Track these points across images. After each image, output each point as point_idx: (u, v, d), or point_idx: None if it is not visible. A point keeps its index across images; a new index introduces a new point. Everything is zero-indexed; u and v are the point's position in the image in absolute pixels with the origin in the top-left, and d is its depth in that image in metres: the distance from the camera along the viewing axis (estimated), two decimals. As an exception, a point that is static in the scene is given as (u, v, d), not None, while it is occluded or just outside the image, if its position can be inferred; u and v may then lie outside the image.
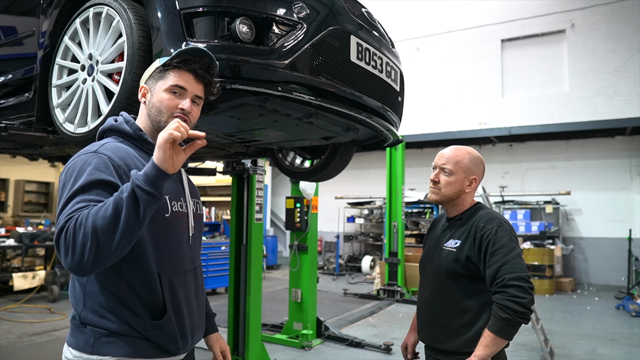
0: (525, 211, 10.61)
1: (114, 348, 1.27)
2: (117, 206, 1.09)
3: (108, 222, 1.09)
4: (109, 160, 1.26)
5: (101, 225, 1.09)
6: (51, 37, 2.21)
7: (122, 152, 1.33)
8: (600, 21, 9.99)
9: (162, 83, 1.38)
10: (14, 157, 4.13)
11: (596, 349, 5.26)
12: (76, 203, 1.16)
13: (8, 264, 8.06)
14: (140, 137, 1.40)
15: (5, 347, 4.92)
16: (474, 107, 11.03)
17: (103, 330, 1.27)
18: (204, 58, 1.39)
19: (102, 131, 1.45)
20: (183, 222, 1.42)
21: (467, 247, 1.75)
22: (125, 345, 1.28)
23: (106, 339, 1.27)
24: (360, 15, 2.12)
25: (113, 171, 1.24)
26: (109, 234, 1.09)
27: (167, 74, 1.38)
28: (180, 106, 1.37)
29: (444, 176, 1.85)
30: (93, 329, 1.28)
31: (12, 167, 11.57)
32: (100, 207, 1.12)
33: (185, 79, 1.38)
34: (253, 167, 4.08)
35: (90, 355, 1.27)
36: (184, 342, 1.39)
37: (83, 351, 1.28)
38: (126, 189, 1.11)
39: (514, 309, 1.57)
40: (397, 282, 8.16)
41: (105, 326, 1.27)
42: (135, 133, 1.40)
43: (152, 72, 1.40)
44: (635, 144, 10.14)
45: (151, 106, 1.39)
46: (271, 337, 5.40)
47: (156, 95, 1.38)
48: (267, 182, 13.53)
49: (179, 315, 1.37)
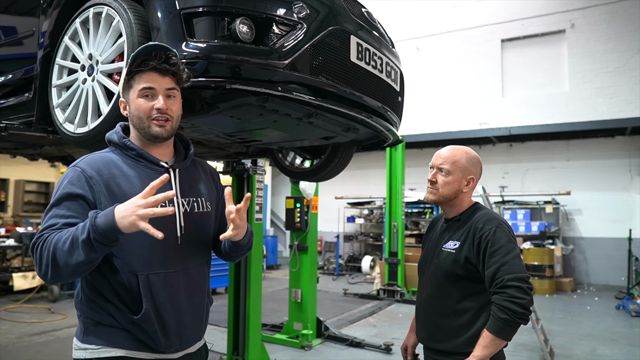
0: (525, 211, 10.61)
1: (96, 338, 1.36)
2: (72, 244, 1.20)
3: (65, 255, 1.20)
4: (82, 173, 1.35)
5: (59, 257, 1.21)
6: (51, 37, 2.21)
7: (99, 163, 1.38)
8: (600, 21, 9.99)
9: (132, 91, 1.41)
10: (14, 157, 4.13)
11: (596, 349, 5.26)
12: (50, 218, 1.30)
13: (8, 264, 8.06)
14: (123, 145, 1.43)
15: (5, 347, 4.92)
16: (474, 107, 11.03)
17: (91, 320, 1.38)
18: (159, 52, 1.39)
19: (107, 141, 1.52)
20: (167, 223, 1.39)
21: (466, 248, 1.75)
22: (107, 335, 1.36)
23: (93, 328, 1.38)
24: (360, 15, 2.12)
25: (84, 184, 1.33)
26: (64, 263, 1.21)
27: (132, 81, 1.41)
28: (156, 107, 1.40)
29: (441, 176, 1.84)
30: (84, 319, 1.40)
31: (12, 167, 11.57)
32: (63, 237, 1.22)
33: (150, 79, 1.40)
34: (253, 167, 4.08)
35: (81, 343, 1.39)
36: (166, 341, 1.39)
37: (79, 339, 1.40)
38: (82, 230, 1.20)
39: (513, 309, 1.57)
40: (397, 282, 8.16)
41: (93, 317, 1.38)
42: (120, 141, 1.44)
43: (122, 84, 1.44)
44: (635, 144, 10.14)
45: (132, 116, 1.43)
46: (271, 337, 5.40)
47: (132, 104, 1.42)
48: (267, 182, 13.53)
49: (161, 314, 1.37)
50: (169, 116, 1.41)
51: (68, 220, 1.29)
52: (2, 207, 12.04)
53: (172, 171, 1.46)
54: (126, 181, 1.37)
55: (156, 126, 1.41)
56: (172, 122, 1.43)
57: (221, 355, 4.63)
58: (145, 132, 1.41)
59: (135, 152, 1.42)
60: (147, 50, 1.38)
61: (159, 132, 1.41)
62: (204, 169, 1.64)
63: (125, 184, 1.36)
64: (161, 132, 1.42)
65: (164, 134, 1.42)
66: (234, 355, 4.21)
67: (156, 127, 1.41)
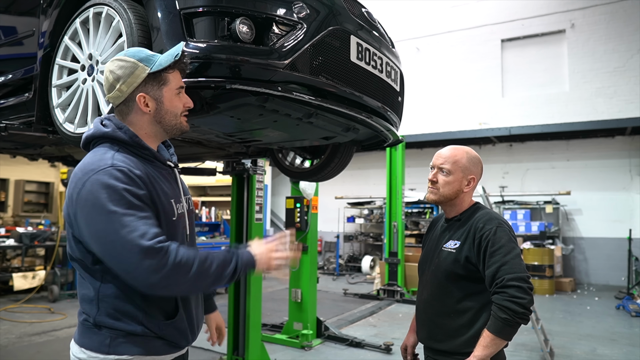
0: (525, 211, 10.61)
1: (130, 347, 1.32)
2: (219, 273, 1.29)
3: (209, 278, 1.28)
4: (131, 172, 1.30)
5: (197, 277, 1.25)
6: (51, 37, 2.20)
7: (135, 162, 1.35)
8: (600, 21, 9.99)
9: (167, 89, 1.40)
10: (14, 157, 4.13)
11: (596, 349, 5.26)
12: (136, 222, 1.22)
13: (8, 264, 8.06)
14: (137, 144, 1.38)
15: (5, 347, 4.92)
16: (474, 107, 11.03)
17: (119, 331, 1.31)
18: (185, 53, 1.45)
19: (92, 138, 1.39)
20: (184, 223, 1.47)
21: (466, 247, 1.75)
22: (140, 344, 1.33)
23: (122, 339, 1.31)
24: (360, 15, 2.12)
25: (140, 183, 1.30)
26: (202, 285, 1.30)
27: (166, 77, 1.40)
28: (188, 105, 1.46)
29: (442, 176, 1.84)
30: (110, 331, 1.32)
31: (12, 167, 11.57)
32: (207, 263, 1.27)
33: (180, 77, 1.45)
34: (253, 167, 4.08)
35: (107, 355, 1.31)
36: (192, 335, 1.46)
37: (98, 351, 1.31)
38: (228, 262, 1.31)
39: (514, 309, 1.57)
40: (397, 282, 8.16)
41: (122, 328, 1.31)
42: (133, 140, 1.38)
43: (143, 78, 1.36)
44: (635, 144, 10.13)
45: (164, 113, 1.41)
46: (271, 337, 5.40)
47: (168, 101, 1.41)
48: (267, 182, 13.52)
49: (188, 311, 1.44)
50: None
51: (155, 221, 1.28)
52: (2, 207, 12.03)
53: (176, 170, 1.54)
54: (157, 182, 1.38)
55: (185, 121, 1.47)
56: None
57: (221, 355, 4.63)
58: (174, 128, 1.45)
59: (149, 153, 1.41)
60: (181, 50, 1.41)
61: (187, 127, 1.48)
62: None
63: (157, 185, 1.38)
64: (187, 127, 1.49)
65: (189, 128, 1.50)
66: (234, 355, 4.21)
67: (185, 122, 1.47)
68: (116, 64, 1.38)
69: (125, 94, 1.37)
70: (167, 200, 1.38)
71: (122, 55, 1.40)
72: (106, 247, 1.22)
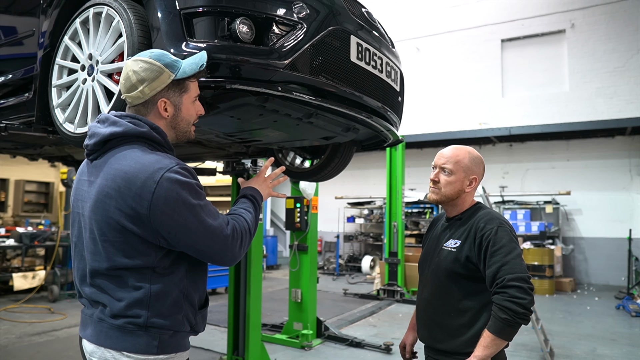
0: (525, 211, 10.61)
1: (175, 345, 1.37)
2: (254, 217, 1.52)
3: (255, 227, 1.50)
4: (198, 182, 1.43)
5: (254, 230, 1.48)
6: (51, 37, 2.20)
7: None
8: (600, 21, 9.99)
9: (187, 96, 1.45)
10: (14, 157, 4.12)
11: (596, 349, 5.26)
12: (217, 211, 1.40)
13: (8, 264, 8.06)
14: (168, 145, 1.45)
15: (5, 347, 4.92)
16: (474, 107, 11.03)
17: (168, 330, 1.34)
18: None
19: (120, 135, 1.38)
20: None
21: (467, 247, 1.75)
22: (181, 341, 1.40)
23: (169, 338, 1.35)
24: (360, 15, 2.12)
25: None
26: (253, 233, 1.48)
27: (188, 85, 1.45)
28: (201, 112, 1.51)
29: (444, 176, 1.84)
30: (159, 331, 1.33)
31: (12, 167, 11.58)
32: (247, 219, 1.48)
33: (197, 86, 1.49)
34: (253, 167, 4.08)
35: (157, 356, 1.33)
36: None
37: (147, 353, 1.32)
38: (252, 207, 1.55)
39: (514, 309, 1.57)
40: (397, 282, 8.16)
41: (170, 327, 1.35)
42: (165, 141, 1.44)
43: (167, 84, 1.40)
44: (635, 144, 10.14)
45: (180, 119, 1.46)
46: (271, 337, 5.40)
47: (186, 109, 1.47)
48: (267, 182, 13.49)
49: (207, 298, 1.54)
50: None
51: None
52: (2, 207, 12.04)
53: None
54: None
55: (193, 131, 1.53)
56: None
57: (221, 355, 4.63)
58: (184, 135, 1.50)
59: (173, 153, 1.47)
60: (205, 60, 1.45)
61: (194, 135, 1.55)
62: None
63: None
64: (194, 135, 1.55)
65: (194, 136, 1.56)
66: (234, 355, 4.21)
67: (193, 131, 1.53)
68: (140, 66, 1.38)
69: (146, 97, 1.40)
70: None
71: (146, 56, 1.40)
72: (200, 238, 1.31)
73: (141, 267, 1.32)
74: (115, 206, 1.30)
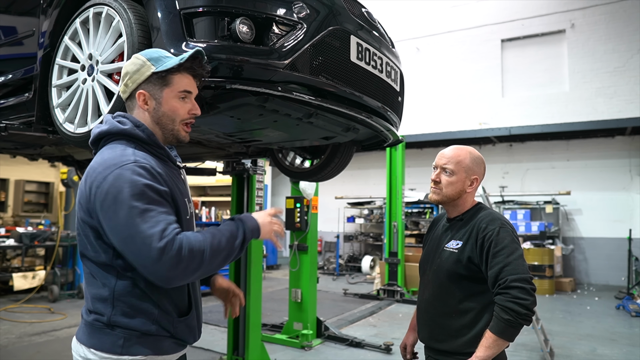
0: (525, 211, 10.61)
1: (143, 347, 1.32)
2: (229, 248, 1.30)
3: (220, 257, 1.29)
4: (153, 169, 1.31)
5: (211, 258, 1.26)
6: (51, 37, 2.20)
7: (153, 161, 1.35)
8: (600, 21, 9.99)
9: (169, 90, 1.39)
10: (14, 157, 4.12)
11: (596, 349, 5.26)
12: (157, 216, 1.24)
13: (8, 264, 8.06)
14: (155, 143, 1.40)
15: (5, 347, 4.92)
16: (474, 107, 11.03)
17: (134, 331, 1.31)
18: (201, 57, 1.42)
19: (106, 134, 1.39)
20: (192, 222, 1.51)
21: (468, 248, 1.75)
22: (153, 344, 1.33)
23: (136, 339, 1.31)
24: (360, 15, 2.12)
25: (161, 180, 1.32)
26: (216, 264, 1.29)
27: (171, 79, 1.39)
28: (194, 112, 1.44)
29: (445, 176, 1.84)
30: (123, 331, 1.31)
31: (12, 167, 11.57)
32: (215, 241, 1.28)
33: (190, 82, 1.42)
34: (253, 167, 4.08)
35: (120, 356, 1.30)
36: (199, 333, 1.49)
37: (111, 352, 1.30)
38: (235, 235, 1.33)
39: (516, 310, 1.57)
40: (397, 282, 8.16)
41: (136, 327, 1.31)
42: (150, 139, 1.39)
43: (147, 75, 1.38)
44: (635, 144, 10.13)
45: (161, 114, 1.41)
46: (271, 337, 5.40)
47: (167, 103, 1.40)
48: (267, 182, 13.52)
49: (198, 308, 1.48)
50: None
51: (174, 217, 1.28)
52: (2, 207, 12.03)
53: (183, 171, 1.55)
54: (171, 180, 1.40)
55: (184, 130, 1.45)
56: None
57: (221, 355, 4.63)
58: (169, 134, 1.43)
59: (163, 152, 1.43)
60: (198, 55, 1.40)
61: (185, 137, 1.45)
62: None
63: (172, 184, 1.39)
64: (185, 137, 1.46)
65: (187, 140, 1.46)
66: (234, 355, 4.21)
67: (184, 131, 1.45)
68: (131, 60, 1.42)
69: (129, 90, 1.40)
70: (182, 199, 1.40)
71: (140, 53, 1.44)
72: (126, 242, 1.22)
73: (106, 264, 1.31)
74: (79, 200, 1.34)
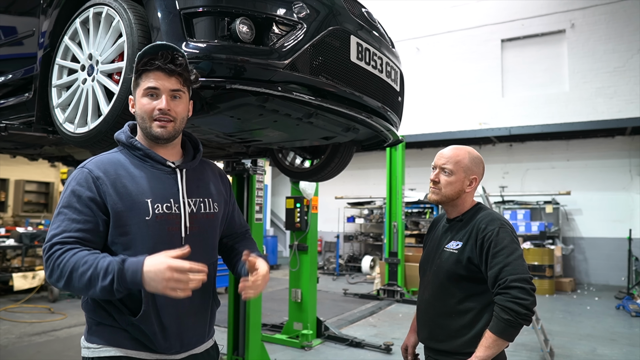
0: (525, 211, 10.61)
1: (101, 336, 1.39)
2: (90, 282, 1.23)
3: (81, 285, 1.24)
4: (89, 174, 1.36)
5: (74, 282, 1.25)
6: (51, 37, 2.20)
7: (106, 164, 1.40)
8: (600, 21, 9.99)
9: (138, 90, 1.41)
10: (14, 157, 4.12)
11: (596, 349, 5.26)
12: (62, 221, 1.31)
13: (8, 264, 8.06)
14: (130, 144, 1.44)
15: (5, 347, 4.92)
16: (474, 107, 11.03)
17: (94, 320, 1.41)
18: (166, 51, 1.38)
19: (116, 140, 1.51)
20: (171, 223, 1.40)
21: (468, 248, 1.75)
22: (110, 334, 1.38)
23: (96, 327, 1.40)
24: (360, 15, 2.12)
25: (92, 185, 1.35)
26: (78, 289, 1.26)
27: (139, 80, 1.41)
28: (158, 107, 1.39)
29: (444, 176, 1.84)
30: (88, 319, 1.42)
31: (12, 167, 11.57)
32: (80, 268, 1.23)
33: (155, 78, 1.38)
34: (253, 167, 4.08)
35: (86, 342, 1.42)
36: (166, 343, 1.39)
37: (85, 338, 1.43)
38: (105, 275, 1.22)
39: (516, 310, 1.57)
40: (397, 282, 8.16)
41: (95, 317, 1.40)
42: (127, 141, 1.44)
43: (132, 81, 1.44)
44: (635, 144, 10.13)
45: (137, 115, 1.43)
46: (271, 337, 5.40)
47: (137, 103, 1.42)
48: (267, 182, 13.52)
49: (161, 316, 1.37)
50: (172, 117, 1.40)
51: (80, 225, 1.32)
52: (2, 207, 12.04)
53: (179, 171, 1.47)
54: (132, 181, 1.38)
55: (157, 127, 1.40)
56: (175, 123, 1.42)
57: (221, 355, 4.63)
58: (147, 132, 1.43)
59: (142, 152, 1.43)
60: (154, 50, 1.37)
61: (160, 132, 1.40)
62: (213, 170, 1.65)
63: (131, 184, 1.37)
64: (162, 133, 1.40)
65: (165, 135, 1.41)
66: (234, 355, 4.21)
67: (157, 127, 1.40)
68: None
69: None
70: (138, 199, 1.36)
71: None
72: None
73: None
74: None
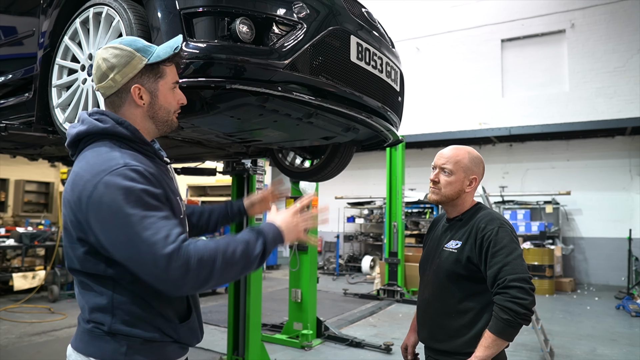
0: (525, 211, 10.61)
1: (148, 354, 1.27)
2: (247, 258, 1.22)
3: (236, 269, 1.21)
4: (146, 170, 1.23)
5: (226, 267, 1.18)
6: (51, 37, 2.20)
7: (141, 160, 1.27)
8: (600, 21, 9.99)
9: (163, 82, 1.33)
10: (14, 157, 4.13)
11: (596, 349, 5.26)
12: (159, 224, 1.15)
13: (8, 264, 8.06)
14: (140, 140, 1.31)
15: (5, 347, 4.92)
16: (474, 107, 11.03)
17: (137, 338, 1.25)
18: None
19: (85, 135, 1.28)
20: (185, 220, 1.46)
21: (468, 248, 1.75)
22: (157, 350, 1.29)
23: (140, 346, 1.25)
24: (360, 15, 2.12)
25: (154, 181, 1.24)
26: (229, 272, 1.20)
27: (163, 70, 1.33)
28: (182, 101, 1.41)
29: (443, 176, 1.84)
30: (126, 338, 1.24)
31: (12, 167, 11.57)
32: (228, 251, 1.19)
33: (175, 72, 1.39)
34: (253, 167, 4.08)
35: None
36: (201, 334, 1.45)
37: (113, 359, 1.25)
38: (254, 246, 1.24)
39: (515, 310, 1.57)
40: (397, 282, 8.16)
41: (139, 335, 1.25)
42: (134, 136, 1.29)
43: (140, 69, 1.30)
44: (635, 144, 10.13)
45: (158, 108, 1.34)
46: (271, 337, 5.40)
47: (163, 96, 1.34)
48: (267, 182, 13.50)
49: (197, 309, 1.44)
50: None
51: (176, 220, 1.21)
52: (2, 207, 12.04)
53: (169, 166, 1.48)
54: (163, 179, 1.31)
55: (176, 120, 1.41)
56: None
57: (221, 355, 4.63)
58: (166, 125, 1.38)
59: (151, 149, 1.34)
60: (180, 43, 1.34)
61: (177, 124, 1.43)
62: None
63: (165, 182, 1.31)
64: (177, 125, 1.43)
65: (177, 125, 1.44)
66: (234, 355, 4.21)
67: (176, 120, 1.41)
68: (110, 52, 1.28)
69: (118, 85, 1.29)
70: (174, 198, 1.32)
71: (116, 43, 1.31)
72: (129, 253, 1.14)
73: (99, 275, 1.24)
74: (65, 212, 1.25)
